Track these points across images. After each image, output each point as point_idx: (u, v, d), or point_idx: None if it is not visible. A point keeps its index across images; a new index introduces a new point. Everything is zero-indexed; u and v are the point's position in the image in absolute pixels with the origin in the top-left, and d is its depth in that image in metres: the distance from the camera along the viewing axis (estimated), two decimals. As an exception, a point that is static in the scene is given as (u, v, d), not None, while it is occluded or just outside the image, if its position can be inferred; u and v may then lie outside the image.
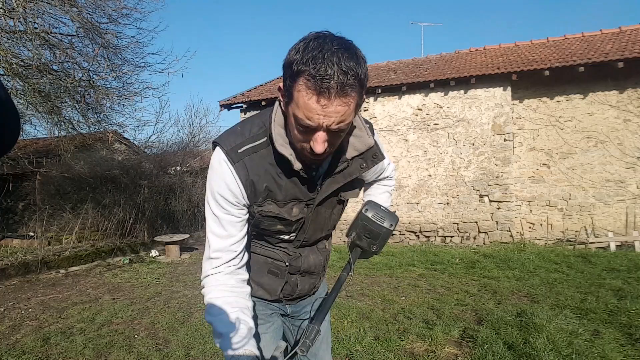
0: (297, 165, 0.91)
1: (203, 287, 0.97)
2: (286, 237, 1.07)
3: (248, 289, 1.01)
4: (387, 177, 1.27)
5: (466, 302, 3.78)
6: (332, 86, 0.74)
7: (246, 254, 1.03)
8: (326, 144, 0.83)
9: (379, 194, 1.26)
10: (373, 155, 1.04)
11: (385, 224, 1.08)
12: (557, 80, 6.72)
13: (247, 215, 1.00)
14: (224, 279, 0.95)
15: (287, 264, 1.11)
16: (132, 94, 6.90)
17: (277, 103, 0.93)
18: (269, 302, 1.17)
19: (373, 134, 1.04)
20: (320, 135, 0.81)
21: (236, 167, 0.92)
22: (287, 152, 0.90)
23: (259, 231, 1.07)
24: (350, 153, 0.99)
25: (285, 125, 0.91)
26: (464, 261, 5.63)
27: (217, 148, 0.94)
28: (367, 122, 1.05)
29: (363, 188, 1.27)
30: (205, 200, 0.99)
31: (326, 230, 1.15)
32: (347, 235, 1.15)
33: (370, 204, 1.12)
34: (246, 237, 1.01)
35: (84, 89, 6.32)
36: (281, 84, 0.85)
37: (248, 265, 1.06)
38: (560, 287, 4.18)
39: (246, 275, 1.02)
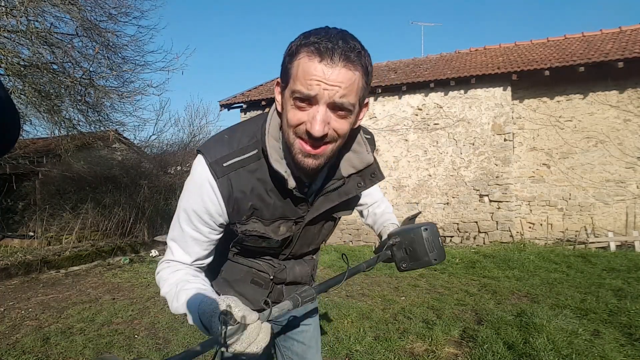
0: (291, 184, 0.84)
1: (161, 283, 0.89)
2: (271, 251, 1.01)
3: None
4: (381, 198, 1.25)
5: (466, 302, 3.78)
6: (336, 49, 0.71)
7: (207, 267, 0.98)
8: (327, 128, 0.74)
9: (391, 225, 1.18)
10: (372, 174, 0.95)
11: (432, 255, 0.99)
12: (557, 80, 6.72)
13: (220, 235, 0.92)
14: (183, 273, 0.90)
15: (272, 276, 1.04)
16: (132, 93, 6.90)
17: (270, 111, 0.87)
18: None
19: (373, 149, 0.98)
20: (321, 111, 0.73)
21: (219, 182, 0.83)
22: (281, 168, 0.83)
23: (242, 246, 0.99)
24: (346, 170, 0.92)
25: (282, 137, 0.84)
26: (464, 261, 5.63)
27: (200, 157, 0.86)
28: (367, 132, 1.00)
29: (368, 216, 1.24)
30: (177, 205, 0.90)
31: (314, 245, 1.09)
32: (389, 235, 1.06)
33: (432, 228, 1.01)
34: (211, 256, 0.95)
35: (84, 88, 6.32)
36: (279, 79, 0.81)
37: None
38: (560, 287, 4.18)
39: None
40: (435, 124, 7.38)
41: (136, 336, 3.20)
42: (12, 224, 8.78)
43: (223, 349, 0.65)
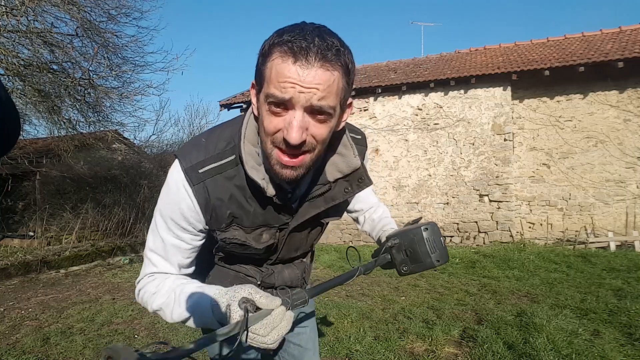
0: (270, 191, 0.80)
1: (143, 298, 0.85)
2: (256, 257, 0.96)
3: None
4: (377, 203, 1.20)
5: (466, 302, 3.78)
6: (312, 48, 0.65)
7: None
8: (305, 135, 0.69)
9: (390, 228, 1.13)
10: (359, 179, 0.89)
11: (434, 256, 0.94)
12: (557, 80, 6.72)
13: (203, 241, 0.89)
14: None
15: (260, 281, 0.99)
16: (132, 93, 6.91)
17: (247, 114, 0.82)
18: None
19: (364, 150, 0.95)
20: (298, 117, 0.67)
21: (195, 189, 0.79)
22: (258, 176, 0.78)
23: (225, 252, 0.96)
24: (332, 175, 0.87)
25: (260, 143, 0.79)
26: (464, 261, 5.63)
27: (177, 162, 0.81)
28: (358, 132, 0.97)
29: (365, 222, 1.20)
30: (153, 213, 0.86)
31: (302, 250, 1.04)
32: (387, 237, 1.02)
33: (433, 227, 0.96)
34: (194, 264, 0.91)
35: (83, 88, 6.32)
36: (254, 81, 0.76)
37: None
38: (560, 287, 4.18)
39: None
40: (435, 124, 7.38)
41: (136, 336, 3.20)
42: (12, 224, 8.77)
43: (243, 335, 0.63)
